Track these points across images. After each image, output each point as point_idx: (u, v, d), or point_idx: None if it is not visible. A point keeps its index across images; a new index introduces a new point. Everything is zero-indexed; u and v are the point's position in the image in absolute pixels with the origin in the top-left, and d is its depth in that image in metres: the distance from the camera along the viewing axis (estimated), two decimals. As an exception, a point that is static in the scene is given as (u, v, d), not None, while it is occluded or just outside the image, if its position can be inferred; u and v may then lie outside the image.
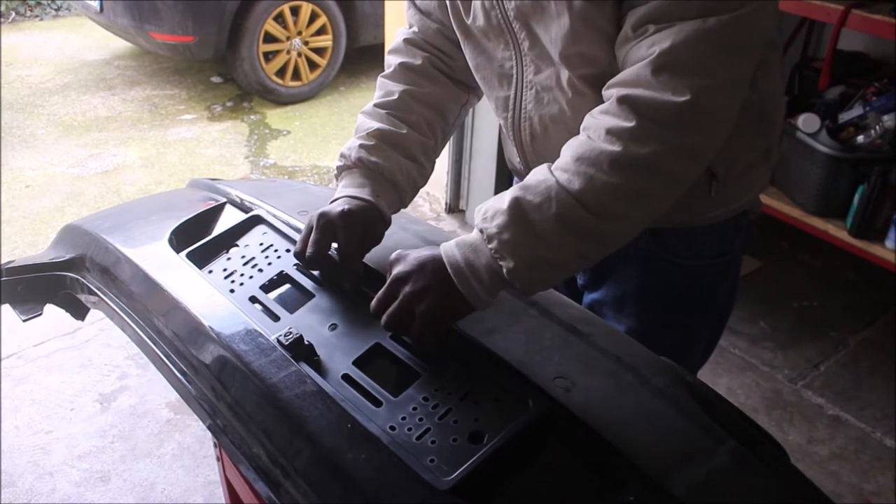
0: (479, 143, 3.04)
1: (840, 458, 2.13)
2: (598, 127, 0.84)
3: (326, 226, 0.98)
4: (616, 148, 0.82)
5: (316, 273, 1.03)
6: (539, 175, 0.87)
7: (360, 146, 1.05)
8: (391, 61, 1.15)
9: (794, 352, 2.53)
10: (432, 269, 0.87)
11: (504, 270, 0.85)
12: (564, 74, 0.96)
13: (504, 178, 3.03)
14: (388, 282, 0.89)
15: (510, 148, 1.14)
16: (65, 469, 2.03)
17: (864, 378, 2.42)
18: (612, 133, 0.83)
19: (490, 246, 0.85)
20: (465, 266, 0.86)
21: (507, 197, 0.86)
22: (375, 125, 1.07)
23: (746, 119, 0.96)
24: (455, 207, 3.31)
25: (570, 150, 0.86)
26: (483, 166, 3.06)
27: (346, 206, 0.99)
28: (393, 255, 0.91)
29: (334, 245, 0.99)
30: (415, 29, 1.16)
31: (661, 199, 0.87)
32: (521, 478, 0.77)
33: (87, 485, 1.99)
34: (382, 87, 1.13)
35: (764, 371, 2.44)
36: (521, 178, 1.15)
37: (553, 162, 0.88)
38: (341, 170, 1.08)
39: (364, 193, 1.02)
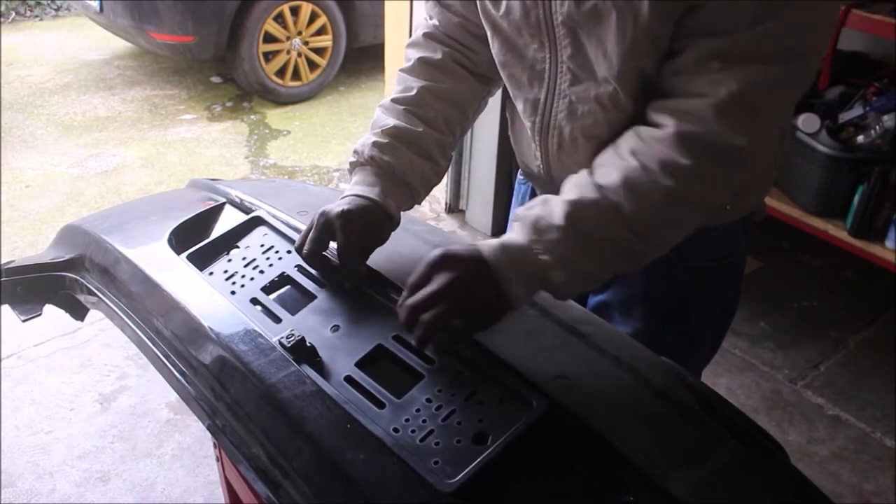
0: (479, 143, 3.04)
1: (840, 459, 2.13)
2: (652, 156, 0.85)
3: (325, 225, 0.97)
4: (670, 183, 0.84)
5: (317, 274, 1.03)
6: (589, 192, 0.86)
7: (374, 144, 1.03)
8: (410, 55, 1.12)
9: (794, 352, 2.52)
10: (485, 272, 0.87)
11: (554, 280, 0.87)
12: (608, 89, 0.93)
13: (504, 178, 3.03)
14: (436, 281, 0.87)
15: (529, 151, 1.10)
16: (65, 469, 2.03)
17: (864, 378, 2.42)
18: (667, 168, 0.84)
19: (544, 257, 0.86)
20: (512, 270, 0.87)
21: (558, 210, 0.86)
22: (392, 122, 1.05)
23: None
24: (455, 207, 3.30)
25: (618, 172, 0.86)
26: (483, 166, 3.06)
27: (347, 206, 0.98)
28: (439, 254, 0.88)
29: (333, 244, 0.99)
30: (435, 22, 1.12)
31: (696, 225, 0.92)
32: (521, 478, 0.77)
33: (87, 485, 1.99)
34: (401, 82, 1.10)
35: (764, 371, 2.44)
36: (537, 182, 1.15)
37: (584, 169, 0.90)
38: (354, 166, 1.06)
39: (372, 193, 1.01)
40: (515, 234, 0.88)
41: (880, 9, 2.12)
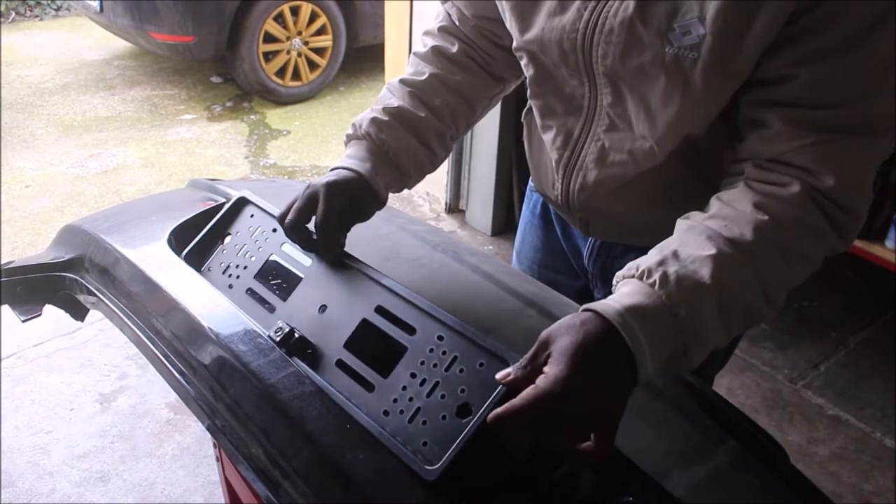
0: (479, 144, 3.04)
1: (840, 459, 2.13)
2: (786, 215, 0.78)
3: (310, 196, 0.94)
4: (804, 243, 0.79)
5: (298, 249, 1.01)
6: (725, 247, 0.75)
7: (373, 120, 1.01)
8: (426, 41, 1.09)
9: (794, 352, 2.53)
10: (618, 358, 0.69)
11: (693, 357, 0.74)
12: (644, 145, 0.89)
13: (504, 178, 3.03)
14: (548, 392, 0.67)
15: (548, 178, 1.07)
16: (65, 469, 2.03)
17: (864, 378, 2.42)
18: (804, 226, 0.78)
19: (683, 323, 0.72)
20: (643, 337, 0.70)
21: (704, 269, 0.73)
22: (396, 102, 1.03)
23: None
24: (455, 207, 3.30)
25: (749, 226, 0.77)
26: (483, 166, 3.06)
27: (333, 178, 0.95)
28: (558, 356, 0.69)
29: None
30: (453, 19, 1.09)
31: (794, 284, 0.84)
32: (520, 477, 0.77)
33: (87, 485, 1.99)
34: (414, 65, 1.08)
35: (764, 371, 2.44)
36: (549, 200, 1.12)
37: (603, 209, 0.86)
38: (350, 138, 1.04)
39: (362, 168, 0.98)
40: (640, 295, 0.72)
41: (880, 9, 2.12)
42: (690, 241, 0.76)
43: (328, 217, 0.93)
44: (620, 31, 0.81)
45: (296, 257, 1.02)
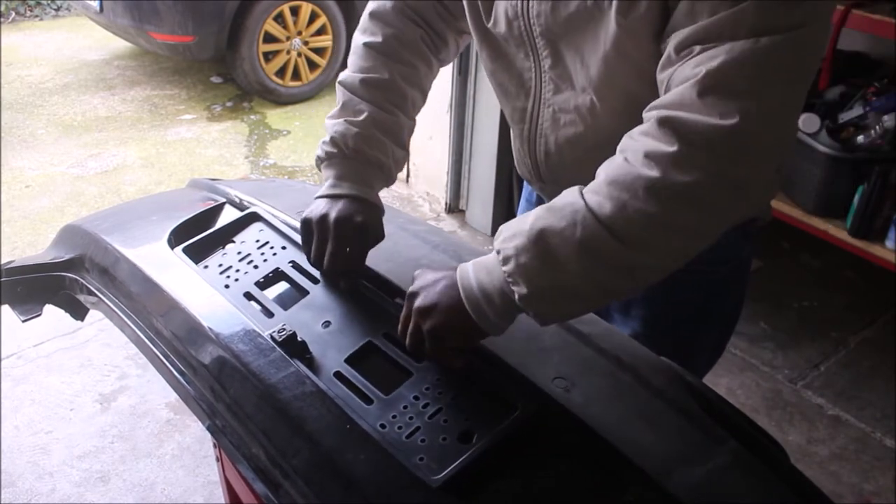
0: (479, 144, 3.04)
1: (840, 459, 2.13)
2: (636, 150, 0.77)
3: (322, 234, 1.00)
4: (654, 173, 0.74)
5: (310, 270, 1.03)
6: (568, 197, 0.79)
7: (358, 134, 1.02)
8: (375, 29, 1.07)
9: (794, 352, 2.52)
10: (443, 289, 0.84)
11: (516, 296, 0.79)
12: (586, 99, 0.92)
13: (504, 178, 3.03)
14: (412, 311, 0.87)
15: (520, 156, 1.11)
16: (64, 469, 2.03)
17: (864, 378, 2.42)
18: (650, 157, 0.75)
19: (504, 269, 0.79)
20: (476, 288, 0.82)
21: (529, 217, 0.79)
22: (368, 110, 1.03)
23: None
24: (455, 207, 3.30)
25: (604, 171, 0.79)
26: (483, 166, 3.06)
27: (340, 214, 1.00)
28: (413, 285, 0.88)
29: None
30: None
31: (697, 233, 0.79)
32: (521, 478, 0.77)
33: (87, 485, 1.99)
34: (368, 58, 1.06)
35: (764, 371, 2.44)
36: (532, 185, 1.15)
37: (574, 180, 0.83)
38: (332, 157, 1.05)
39: (363, 192, 1.02)
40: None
41: (880, 9, 2.12)
42: (556, 199, 0.81)
43: (353, 250, 1.00)
44: None
45: (305, 274, 1.03)
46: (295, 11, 4.32)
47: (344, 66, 1.11)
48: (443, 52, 1.13)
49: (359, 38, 1.09)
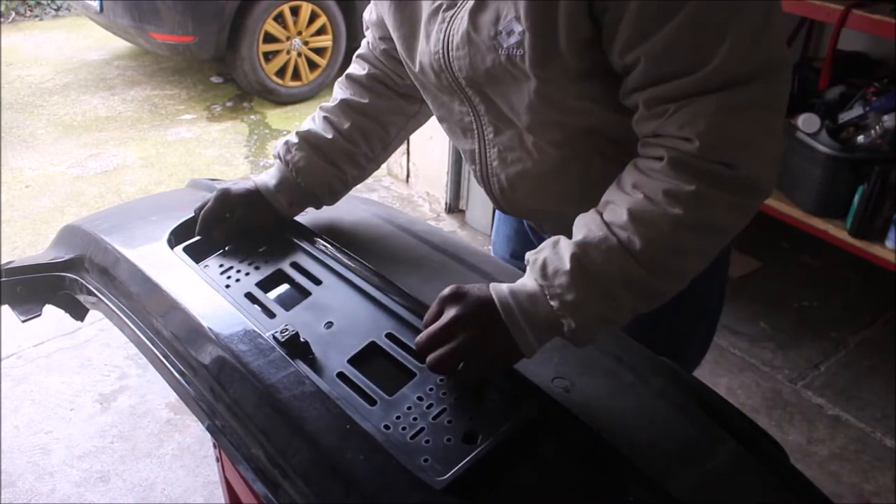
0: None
1: (840, 459, 2.13)
2: (654, 188, 0.81)
3: (216, 198, 1.12)
4: (678, 211, 0.80)
5: (313, 271, 1.03)
6: (597, 230, 0.83)
7: (285, 142, 1.14)
8: (348, 70, 1.20)
9: (794, 352, 2.52)
10: (490, 317, 0.83)
11: (565, 328, 0.83)
12: (528, 138, 0.95)
13: (504, 178, 3.03)
14: (443, 321, 0.84)
15: (485, 191, 1.13)
16: (65, 469, 2.03)
17: (864, 378, 2.42)
18: (671, 196, 0.80)
19: (553, 303, 0.82)
20: (519, 314, 0.83)
21: (566, 254, 0.82)
22: (308, 126, 1.15)
23: None
24: (455, 207, 3.30)
25: (624, 205, 0.83)
26: (483, 166, 3.06)
27: (230, 185, 1.12)
28: (449, 291, 0.86)
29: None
30: (368, 42, 1.19)
31: (713, 252, 0.86)
32: (521, 478, 0.77)
33: (87, 485, 1.99)
34: (334, 90, 1.19)
35: (764, 371, 2.44)
36: (501, 209, 1.16)
37: (534, 209, 0.90)
38: (274, 157, 1.16)
39: (262, 182, 1.13)
40: (527, 279, 0.85)
41: (880, 9, 2.12)
42: (576, 229, 0.86)
43: (209, 216, 1.11)
44: (462, 44, 0.90)
45: (307, 275, 1.03)
46: (295, 11, 4.32)
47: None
48: (405, 88, 1.15)
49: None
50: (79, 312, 1.25)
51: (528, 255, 0.87)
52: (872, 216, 2.26)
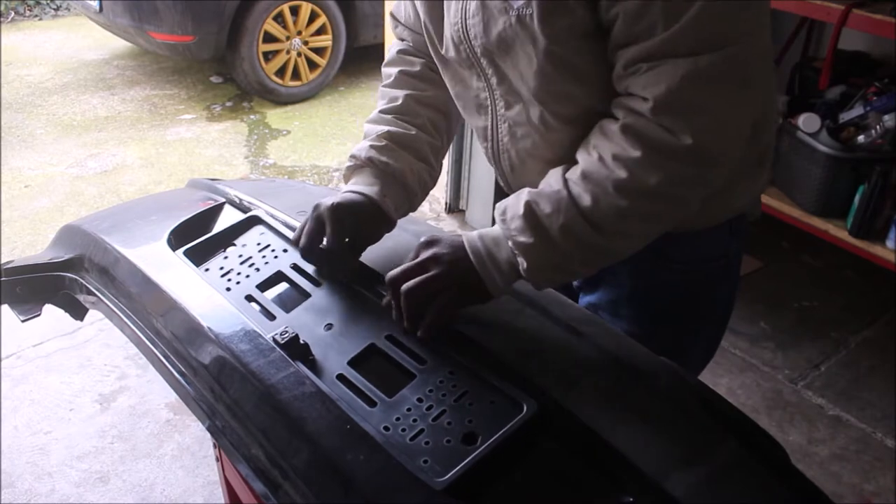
0: (479, 144, 3.04)
1: (841, 459, 2.13)
2: (605, 149, 0.86)
3: (317, 217, 1.00)
4: (622, 174, 0.84)
5: (312, 272, 1.03)
6: (554, 183, 0.90)
7: (371, 146, 1.07)
8: (390, 72, 1.16)
9: (795, 352, 2.52)
10: (460, 256, 0.92)
11: (520, 268, 0.90)
12: (535, 111, 0.96)
13: (504, 178, 3.03)
14: (421, 256, 0.93)
15: (495, 171, 1.14)
16: (64, 469, 2.03)
17: (865, 378, 2.42)
18: (618, 159, 0.85)
19: (510, 244, 0.90)
20: (486, 255, 0.92)
21: (522, 200, 0.90)
22: (384, 128, 1.09)
23: None
24: (455, 207, 3.30)
25: (582, 162, 0.89)
26: (483, 166, 3.06)
27: (339, 200, 1.01)
28: (426, 238, 0.95)
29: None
30: (407, 42, 1.18)
31: (666, 219, 0.90)
32: (520, 478, 0.77)
33: (87, 485, 1.99)
34: (385, 96, 1.14)
35: (764, 371, 2.44)
36: (509, 192, 1.16)
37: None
38: (351, 170, 1.08)
39: (369, 191, 1.03)
40: (495, 226, 0.93)
41: (880, 9, 2.12)
42: (541, 182, 0.92)
43: (338, 240, 0.99)
44: (477, 11, 0.93)
45: (307, 277, 1.02)
46: (295, 11, 4.32)
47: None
48: None
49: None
50: (78, 312, 1.25)
51: (498, 204, 0.94)
52: (873, 216, 2.26)
